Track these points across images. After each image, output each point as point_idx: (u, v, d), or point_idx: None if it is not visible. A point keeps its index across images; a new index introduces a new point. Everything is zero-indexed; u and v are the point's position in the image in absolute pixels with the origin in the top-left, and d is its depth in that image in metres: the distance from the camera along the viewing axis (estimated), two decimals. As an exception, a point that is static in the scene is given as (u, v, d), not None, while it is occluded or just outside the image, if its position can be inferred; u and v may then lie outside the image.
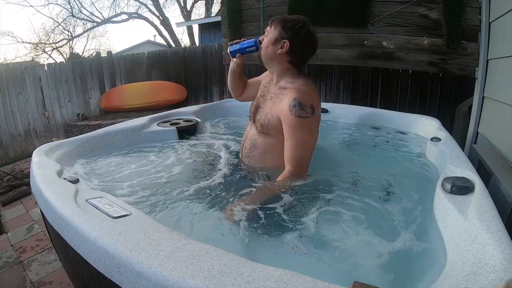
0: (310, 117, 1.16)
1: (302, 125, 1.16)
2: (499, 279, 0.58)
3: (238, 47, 1.41)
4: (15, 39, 14.84)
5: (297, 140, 1.17)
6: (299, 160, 1.19)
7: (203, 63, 5.86)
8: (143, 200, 1.14)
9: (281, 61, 1.28)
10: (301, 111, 1.15)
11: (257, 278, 0.58)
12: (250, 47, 1.38)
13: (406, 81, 3.02)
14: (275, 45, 1.27)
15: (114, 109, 5.69)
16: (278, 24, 1.25)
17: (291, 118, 1.16)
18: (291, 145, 1.18)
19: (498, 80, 1.88)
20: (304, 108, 1.15)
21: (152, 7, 11.96)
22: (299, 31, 1.23)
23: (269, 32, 1.28)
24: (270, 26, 1.29)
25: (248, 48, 1.39)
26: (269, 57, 1.30)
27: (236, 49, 1.42)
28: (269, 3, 3.51)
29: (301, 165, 1.19)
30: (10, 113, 4.66)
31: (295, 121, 1.15)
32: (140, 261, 0.64)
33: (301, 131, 1.17)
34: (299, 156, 1.18)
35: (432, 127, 1.73)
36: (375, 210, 1.07)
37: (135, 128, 1.81)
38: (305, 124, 1.16)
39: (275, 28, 1.26)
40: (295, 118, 1.15)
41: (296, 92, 1.18)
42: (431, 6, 2.66)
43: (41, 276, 1.65)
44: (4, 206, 2.59)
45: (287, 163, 1.19)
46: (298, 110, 1.15)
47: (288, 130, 1.18)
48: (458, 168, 1.09)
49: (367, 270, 0.81)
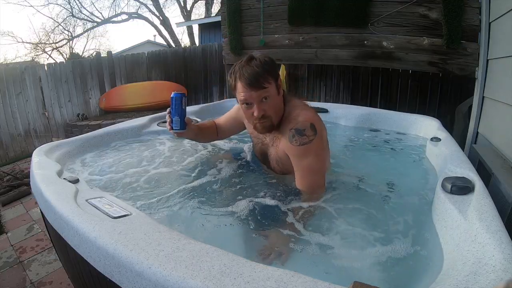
0: (314, 139, 1.08)
1: (307, 152, 1.08)
2: (499, 279, 0.58)
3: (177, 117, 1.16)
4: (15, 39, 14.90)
5: (303, 169, 1.10)
6: (310, 187, 1.12)
7: (203, 63, 5.87)
8: (143, 200, 1.14)
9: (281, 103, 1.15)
10: (301, 137, 1.07)
11: (257, 278, 0.58)
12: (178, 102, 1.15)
13: (406, 81, 3.02)
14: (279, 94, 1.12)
15: (114, 109, 5.69)
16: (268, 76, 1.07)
17: (294, 149, 1.09)
18: (300, 175, 1.12)
19: (498, 80, 1.88)
20: (304, 133, 1.07)
21: (152, 7, 11.98)
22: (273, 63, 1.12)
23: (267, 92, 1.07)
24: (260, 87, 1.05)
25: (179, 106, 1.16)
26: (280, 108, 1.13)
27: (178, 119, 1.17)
28: (269, 3, 3.50)
29: (314, 191, 1.13)
30: (10, 113, 4.66)
31: (299, 151, 1.08)
32: (140, 261, 0.64)
33: (306, 158, 1.09)
34: (309, 184, 1.12)
35: (432, 127, 1.73)
36: (375, 209, 1.07)
37: (135, 128, 1.81)
38: (310, 150, 1.08)
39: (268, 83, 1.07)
40: (297, 147, 1.08)
41: (289, 121, 1.11)
42: (431, 6, 2.66)
43: (41, 276, 1.65)
44: (4, 206, 2.59)
45: (301, 190, 1.13)
46: (298, 139, 1.07)
47: (294, 160, 1.12)
48: (458, 168, 1.09)
49: (367, 270, 0.81)
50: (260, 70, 1.05)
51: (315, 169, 1.11)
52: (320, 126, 1.12)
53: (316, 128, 1.09)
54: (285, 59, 3.56)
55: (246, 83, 1.05)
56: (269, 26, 3.56)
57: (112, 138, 1.70)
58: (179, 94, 1.16)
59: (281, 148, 1.15)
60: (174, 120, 1.16)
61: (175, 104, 1.15)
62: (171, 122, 1.17)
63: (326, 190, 1.18)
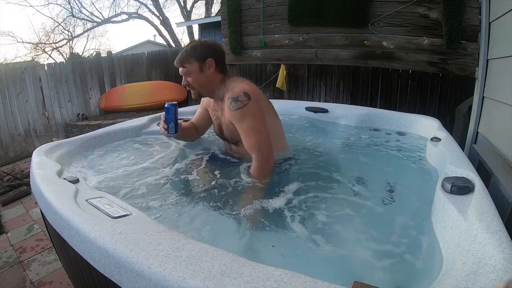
0: (248, 103, 1.25)
1: (243, 115, 1.26)
2: (499, 279, 0.58)
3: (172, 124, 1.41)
4: (15, 39, 14.85)
5: (245, 130, 1.27)
6: (256, 145, 1.26)
7: (203, 63, 5.86)
8: (143, 200, 1.14)
9: (214, 78, 1.37)
10: (236, 103, 1.25)
11: (257, 278, 0.58)
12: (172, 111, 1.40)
13: (406, 81, 3.02)
14: (203, 71, 1.35)
15: (114, 109, 5.69)
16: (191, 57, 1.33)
17: (233, 114, 1.27)
18: (244, 137, 1.28)
19: (498, 80, 1.88)
20: (238, 99, 1.25)
21: (152, 7, 11.98)
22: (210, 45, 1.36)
23: (188, 69, 1.34)
24: (182, 66, 1.35)
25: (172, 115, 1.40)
26: (206, 84, 1.37)
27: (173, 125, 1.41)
28: (269, 3, 3.50)
29: (261, 148, 1.26)
30: (10, 113, 4.66)
31: (237, 115, 1.26)
32: (140, 261, 0.64)
33: (244, 120, 1.26)
34: (253, 142, 1.26)
35: (432, 127, 1.73)
36: (375, 210, 1.07)
37: (135, 128, 1.81)
38: (245, 113, 1.25)
39: (190, 63, 1.33)
40: (236, 112, 1.26)
41: (227, 93, 1.31)
42: (431, 6, 2.66)
43: (41, 276, 1.65)
44: (4, 206, 2.59)
45: (250, 153, 1.28)
46: (234, 105, 1.26)
47: (236, 125, 1.29)
48: (458, 168, 1.09)
49: (367, 270, 0.81)
50: (185, 52, 1.34)
51: (256, 129, 1.27)
52: (255, 94, 1.29)
53: (250, 95, 1.27)
54: (285, 59, 3.56)
55: (175, 62, 1.37)
56: (269, 26, 3.56)
57: (112, 138, 1.70)
58: (172, 104, 1.39)
59: (227, 116, 1.34)
60: (170, 126, 1.40)
61: (169, 113, 1.38)
62: (167, 128, 1.41)
63: (326, 189, 1.18)
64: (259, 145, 1.26)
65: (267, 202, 1.11)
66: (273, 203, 1.10)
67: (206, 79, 1.35)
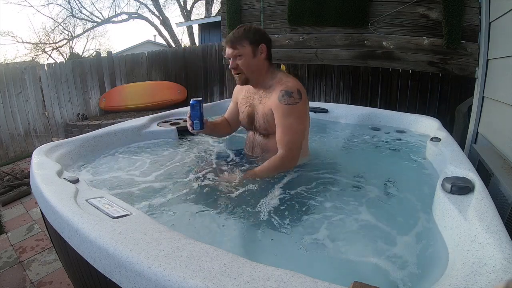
0: (299, 102, 1.27)
1: (291, 111, 1.26)
2: (499, 279, 0.58)
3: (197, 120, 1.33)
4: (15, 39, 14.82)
5: (285, 126, 1.27)
6: (289, 144, 1.27)
7: (203, 63, 5.86)
8: (143, 200, 1.14)
9: (263, 65, 1.34)
10: (289, 98, 1.26)
11: (257, 278, 0.58)
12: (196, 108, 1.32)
13: (406, 81, 3.02)
14: (255, 57, 1.32)
15: (114, 109, 5.69)
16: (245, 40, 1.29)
17: (281, 107, 1.27)
18: (281, 130, 1.28)
19: (498, 80, 1.88)
20: (292, 95, 1.26)
21: (152, 7, 11.97)
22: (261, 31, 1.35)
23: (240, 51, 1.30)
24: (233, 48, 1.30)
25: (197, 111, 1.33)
26: (254, 70, 1.33)
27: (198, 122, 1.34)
28: (269, 3, 3.50)
29: (291, 149, 1.28)
30: (10, 113, 4.66)
31: (285, 109, 1.26)
32: (140, 261, 0.64)
33: (290, 117, 1.27)
34: (288, 140, 1.27)
35: (432, 127, 1.73)
36: (375, 209, 1.07)
37: (135, 128, 1.81)
38: (294, 111, 1.27)
39: (243, 46, 1.29)
40: (285, 106, 1.26)
41: (280, 84, 1.30)
42: (431, 6, 2.65)
43: (41, 276, 1.65)
44: (4, 206, 2.59)
45: (279, 147, 1.28)
46: (287, 99, 1.26)
47: (278, 118, 1.28)
48: (458, 168, 1.09)
49: (367, 270, 0.81)
50: (239, 34, 1.30)
51: (296, 129, 1.28)
52: (305, 95, 1.31)
53: (302, 94, 1.28)
54: (285, 59, 3.56)
55: (226, 40, 1.32)
56: (269, 26, 3.56)
57: (112, 138, 1.70)
58: (197, 101, 1.32)
59: (268, 105, 1.32)
60: (195, 123, 1.34)
61: (194, 109, 1.33)
62: (192, 124, 1.34)
63: (326, 189, 1.18)
64: (291, 145, 1.28)
65: (267, 202, 1.11)
66: (273, 203, 1.10)
67: (256, 64, 1.32)
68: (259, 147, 1.44)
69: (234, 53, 1.30)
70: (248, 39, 1.29)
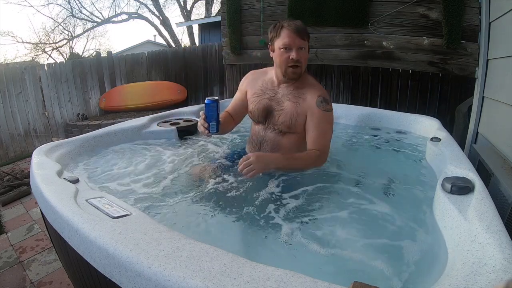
0: (332, 111, 1.34)
1: (327, 118, 1.32)
2: (499, 279, 0.58)
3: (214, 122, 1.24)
4: (15, 39, 14.81)
5: (321, 131, 1.31)
6: (324, 147, 1.33)
7: (203, 63, 5.86)
8: (143, 200, 1.14)
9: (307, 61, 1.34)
10: (327, 105, 1.31)
11: (257, 278, 0.58)
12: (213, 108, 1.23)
13: (406, 81, 3.02)
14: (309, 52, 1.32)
15: (114, 109, 5.69)
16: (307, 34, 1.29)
17: (319, 112, 1.30)
18: (317, 135, 1.30)
19: (498, 80, 1.88)
20: (329, 103, 1.32)
21: (152, 7, 11.96)
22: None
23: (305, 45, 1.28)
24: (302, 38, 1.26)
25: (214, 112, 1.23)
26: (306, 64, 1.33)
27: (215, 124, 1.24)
28: (269, 3, 3.50)
29: (325, 152, 1.33)
30: (10, 113, 4.65)
31: (322, 115, 1.30)
32: (140, 261, 0.64)
33: (325, 123, 1.32)
34: (324, 144, 1.32)
35: (432, 127, 1.73)
36: (375, 210, 1.07)
37: (135, 128, 1.81)
38: (329, 117, 1.32)
39: (306, 39, 1.29)
40: (323, 112, 1.30)
41: (315, 89, 1.33)
42: (431, 6, 2.65)
43: (41, 276, 1.65)
44: (4, 206, 2.59)
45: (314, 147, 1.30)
46: (325, 105, 1.30)
47: (314, 122, 1.30)
48: (458, 168, 1.09)
49: (367, 270, 0.81)
50: (304, 27, 1.28)
51: (329, 136, 1.34)
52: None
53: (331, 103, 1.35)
54: (285, 59, 3.55)
55: (294, 29, 1.26)
56: (269, 26, 3.56)
57: (112, 138, 1.70)
58: (213, 100, 1.22)
59: (303, 106, 1.32)
60: (211, 125, 1.25)
61: (211, 109, 1.22)
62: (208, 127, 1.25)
63: (327, 190, 1.18)
64: (326, 149, 1.34)
65: (267, 202, 1.11)
66: (273, 203, 1.10)
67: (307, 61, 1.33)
68: (269, 143, 1.39)
69: (303, 44, 1.27)
70: (308, 35, 1.29)
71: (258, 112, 1.41)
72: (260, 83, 1.44)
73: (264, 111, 1.39)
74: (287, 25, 1.27)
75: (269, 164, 1.21)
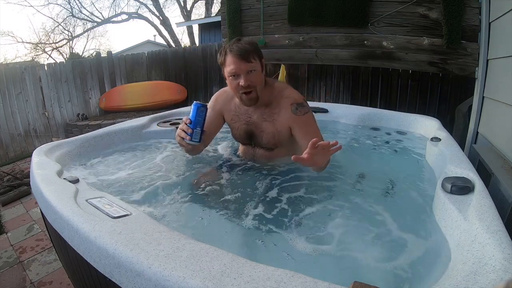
0: (310, 110, 1.29)
1: (310, 120, 1.28)
2: (499, 279, 0.58)
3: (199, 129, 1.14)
4: (15, 39, 14.80)
5: (313, 133, 1.24)
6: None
7: (203, 63, 5.86)
8: (143, 200, 1.14)
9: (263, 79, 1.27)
10: (303, 108, 1.27)
11: (257, 278, 0.58)
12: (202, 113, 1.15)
13: (406, 81, 3.02)
14: (262, 72, 1.25)
15: (114, 109, 5.69)
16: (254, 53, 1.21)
17: (300, 119, 1.26)
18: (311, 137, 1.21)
19: (498, 80, 1.88)
20: (303, 105, 1.28)
21: (152, 7, 11.97)
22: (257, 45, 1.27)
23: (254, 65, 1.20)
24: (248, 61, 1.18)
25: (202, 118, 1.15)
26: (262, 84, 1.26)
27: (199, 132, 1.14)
28: (269, 3, 3.50)
29: None
30: (10, 113, 4.65)
31: (304, 119, 1.26)
32: (140, 261, 0.64)
33: (311, 125, 1.28)
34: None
35: (432, 127, 1.73)
36: (375, 210, 1.07)
37: (135, 128, 1.81)
38: (311, 118, 1.29)
39: (254, 59, 1.20)
40: (303, 117, 1.26)
41: (284, 98, 1.28)
42: (431, 6, 2.65)
43: (41, 276, 1.65)
44: (4, 206, 2.59)
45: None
46: (301, 109, 1.26)
47: (302, 129, 1.26)
48: (458, 168, 1.09)
49: (367, 270, 0.81)
50: (248, 47, 1.20)
51: (320, 133, 1.28)
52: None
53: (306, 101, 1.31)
54: (285, 59, 3.56)
55: (237, 55, 1.17)
56: (269, 26, 3.56)
57: (112, 138, 1.70)
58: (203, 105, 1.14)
59: (282, 122, 1.28)
60: (195, 132, 1.12)
61: (199, 114, 1.13)
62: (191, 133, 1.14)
63: (327, 190, 1.18)
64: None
65: (268, 202, 1.11)
66: (273, 203, 1.10)
67: (262, 80, 1.26)
68: (262, 158, 1.40)
69: (249, 67, 1.19)
70: (256, 52, 1.21)
71: (241, 137, 1.41)
72: (233, 107, 1.38)
73: (247, 135, 1.38)
74: (230, 49, 1.19)
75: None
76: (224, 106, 1.40)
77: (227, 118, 1.42)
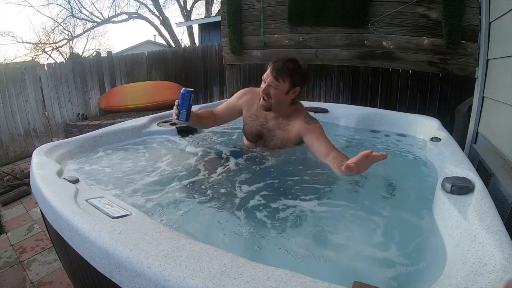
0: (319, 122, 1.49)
1: (320, 128, 1.46)
2: (499, 279, 0.58)
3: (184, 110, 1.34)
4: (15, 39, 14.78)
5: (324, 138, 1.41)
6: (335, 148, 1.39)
7: (203, 63, 5.87)
8: (143, 200, 1.14)
9: (288, 101, 1.48)
10: (314, 120, 1.49)
11: (257, 278, 0.58)
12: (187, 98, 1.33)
13: (406, 81, 3.02)
14: (287, 94, 1.43)
15: (114, 109, 5.69)
16: (287, 77, 1.39)
17: (312, 127, 1.45)
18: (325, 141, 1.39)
19: (498, 80, 1.88)
20: (314, 118, 1.50)
21: (152, 7, 11.97)
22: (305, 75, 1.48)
23: (278, 84, 1.39)
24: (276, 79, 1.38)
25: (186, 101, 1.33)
26: (281, 103, 1.46)
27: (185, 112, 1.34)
28: (269, 3, 3.50)
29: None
30: (10, 113, 4.66)
31: (315, 127, 1.45)
32: (140, 261, 0.64)
33: (321, 132, 1.44)
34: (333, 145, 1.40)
35: (432, 127, 1.73)
36: (375, 210, 1.07)
37: (135, 128, 1.81)
38: (320, 127, 1.47)
39: (283, 81, 1.39)
40: (314, 125, 1.46)
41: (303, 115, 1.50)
42: (431, 6, 2.65)
43: (41, 276, 1.65)
44: (4, 206, 2.59)
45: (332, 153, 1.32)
46: (313, 121, 1.48)
47: (315, 135, 1.43)
48: (458, 168, 1.09)
49: (367, 270, 0.81)
50: (285, 69, 1.39)
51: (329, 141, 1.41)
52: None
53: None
54: (285, 59, 3.55)
55: (273, 68, 1.40)
56: (269, 26, 3.56)
57: (112, 138, 1.70)
58: (188, 91, 1.33)
59: (293, 132, 1.49)
60: (181, 113, 1.34)
61: (184, 99, 1.33)
62: (178, 114, 1.35)
63: (327, 190, 1.18)
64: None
65: (267, 202, 1.11)
66: (273, 203, 1.10)
67: (284, 100, 1.45)
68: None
69: (273, 83, 1.39)
70: (290, 79, 1.39)
71: (252, 135, 1.59)
72: (255, 107, 1.57)
73: (257, 135, 1.57)
74: (274, 62, 1.42)
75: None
76: (246, 104, 1.61)
77: (245, 114, 1.61)
